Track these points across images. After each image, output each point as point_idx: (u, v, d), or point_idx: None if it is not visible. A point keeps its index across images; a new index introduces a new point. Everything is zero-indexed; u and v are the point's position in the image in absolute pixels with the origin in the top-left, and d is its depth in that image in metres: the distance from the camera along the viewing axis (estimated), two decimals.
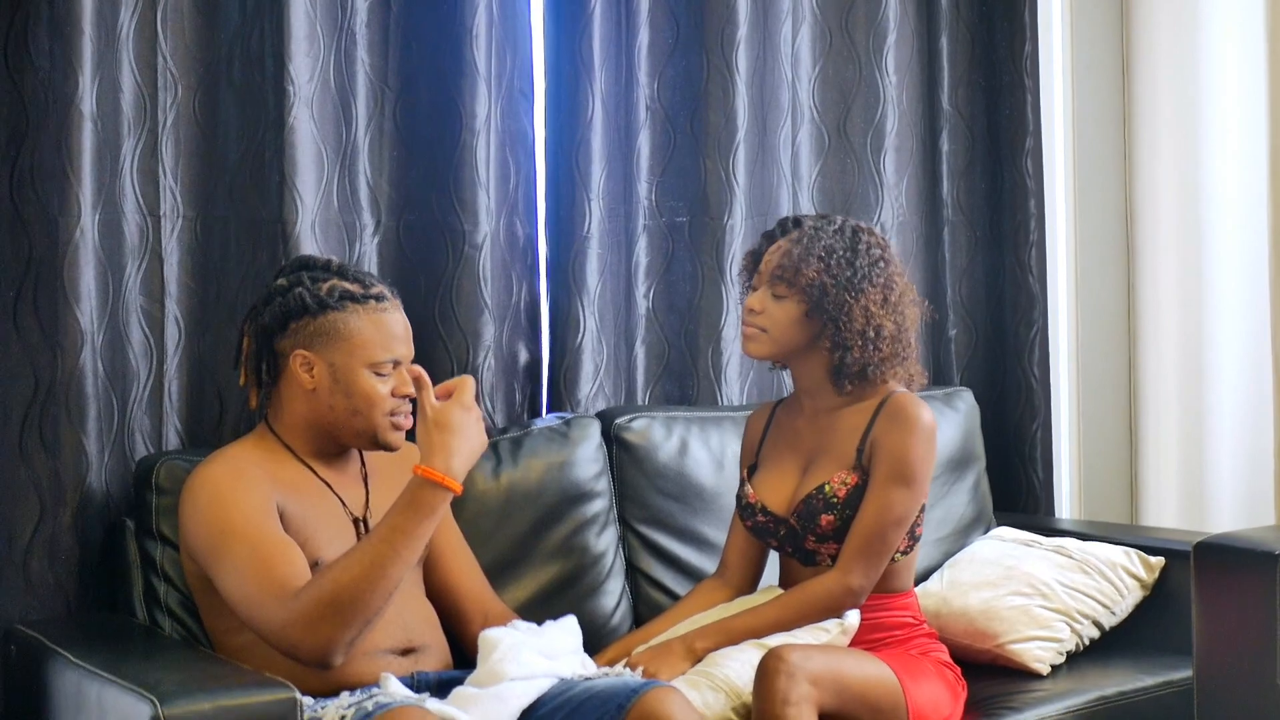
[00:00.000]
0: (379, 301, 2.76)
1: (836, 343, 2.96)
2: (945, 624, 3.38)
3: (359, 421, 2.74)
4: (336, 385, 2.72)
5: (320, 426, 2.76)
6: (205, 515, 2.66)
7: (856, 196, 3.92)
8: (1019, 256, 4.10)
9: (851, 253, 2.99)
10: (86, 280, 2.93)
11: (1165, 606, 3.49)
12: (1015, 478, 4.11)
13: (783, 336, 2.99)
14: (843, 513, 2.94)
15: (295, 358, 2.72)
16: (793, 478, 3.05)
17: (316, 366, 2.72)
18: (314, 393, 2.74)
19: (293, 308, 2.72)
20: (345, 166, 3.25)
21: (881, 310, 2.97)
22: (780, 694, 2.68)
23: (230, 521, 2.63)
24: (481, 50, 3.33)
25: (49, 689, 2.63)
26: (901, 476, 2.93)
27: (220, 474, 2.69)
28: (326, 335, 2.72)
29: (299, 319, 2.72)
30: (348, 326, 2.72)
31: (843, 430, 3.01)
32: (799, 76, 3.84)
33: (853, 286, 2.95)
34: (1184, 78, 4.20)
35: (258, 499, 2.66)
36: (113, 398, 3.00)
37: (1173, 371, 4.24)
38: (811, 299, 2.96)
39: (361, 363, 2.72)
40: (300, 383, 2.74)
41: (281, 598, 2.54)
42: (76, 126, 2.90)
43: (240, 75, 3.15)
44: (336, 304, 2.72)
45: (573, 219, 3.51)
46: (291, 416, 2.77)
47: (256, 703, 2.35)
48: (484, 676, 2.61)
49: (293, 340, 2.73)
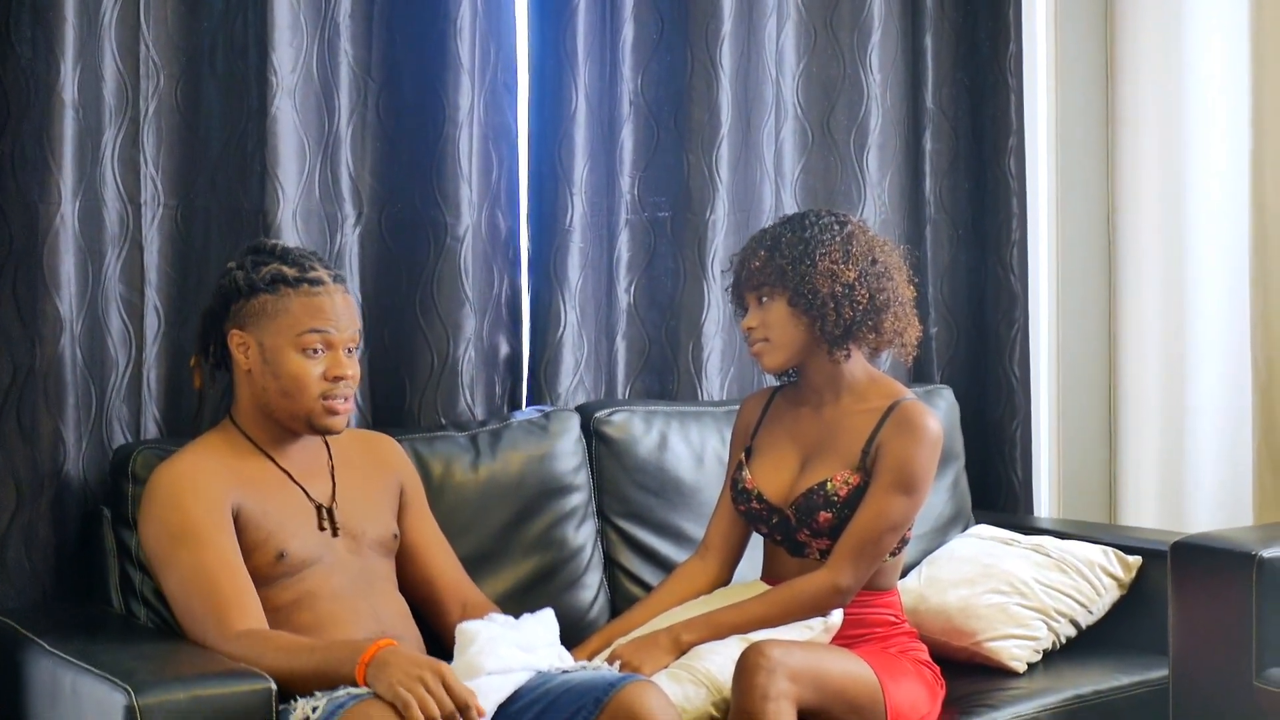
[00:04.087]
0: (313, 285, 2.76)
1: (814, 315, 2.96)
2: (923, 621, 3.38)
3: (290, 403, 2.75)
4: (266, 366, 2.75)
5: (264, 410, 2.78)
6: (158, 518, 2.68)
7: (839, 194, 3.92)
8: (1001, 255, 4.10)
9: (799, 230, 3.01)
10: (66, 268, 2.92)
11: (1142, 606, 3.50)
12: (994, 476, 4.12)
13: (784, 338, 2.99)
14: (841, 512, 2.95)
15: (232, 338, 2.76)
16: (791, 468, 3.05)
17: (250, 347, 2.76)
18: (250, 374, 2.77)
19: (229, 290, 2.77)
20: (327, 157, 3.24)
21: (845, 266, 2.97)
22: (760, 689, 2.68)
23: (184, 528, 2.65)
24: (465, 43, 3.33)
25: (24, 677, 2.62)
26: (903, 484, 2.94)
27: (179, 476, 2.70)
28: (256, 315, 2.74)
29: (236, 300, 2.76)
30: (275, 307, 2.74)
31: (849, 429, 3.01)
32: (783, 73, 3.84)
33: (807, 255, 2.96)
34: (1167, 79, 4.20)
35: (213, 506, 2.67)
36: (91, 386, 2.99)
37: (1153, 372, 4.25)
38: (785, 286, 2.97)
39: (287, 342, 2.73)
40: (239, 363, 2.78)
41: (219, 626, 2.58)
42: (58, 114, 2.89)
43: (223, 65, 3.14)
44: (268, 286, 2.74)
45: (555, 213, 3.50)
46: (242, 402, 2.81)
47: (232, 693, 2.34)
48: (461, 669, 2.60)
49: (230, 323, 2.77)
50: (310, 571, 2.73)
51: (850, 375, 3.04)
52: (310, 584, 2.72)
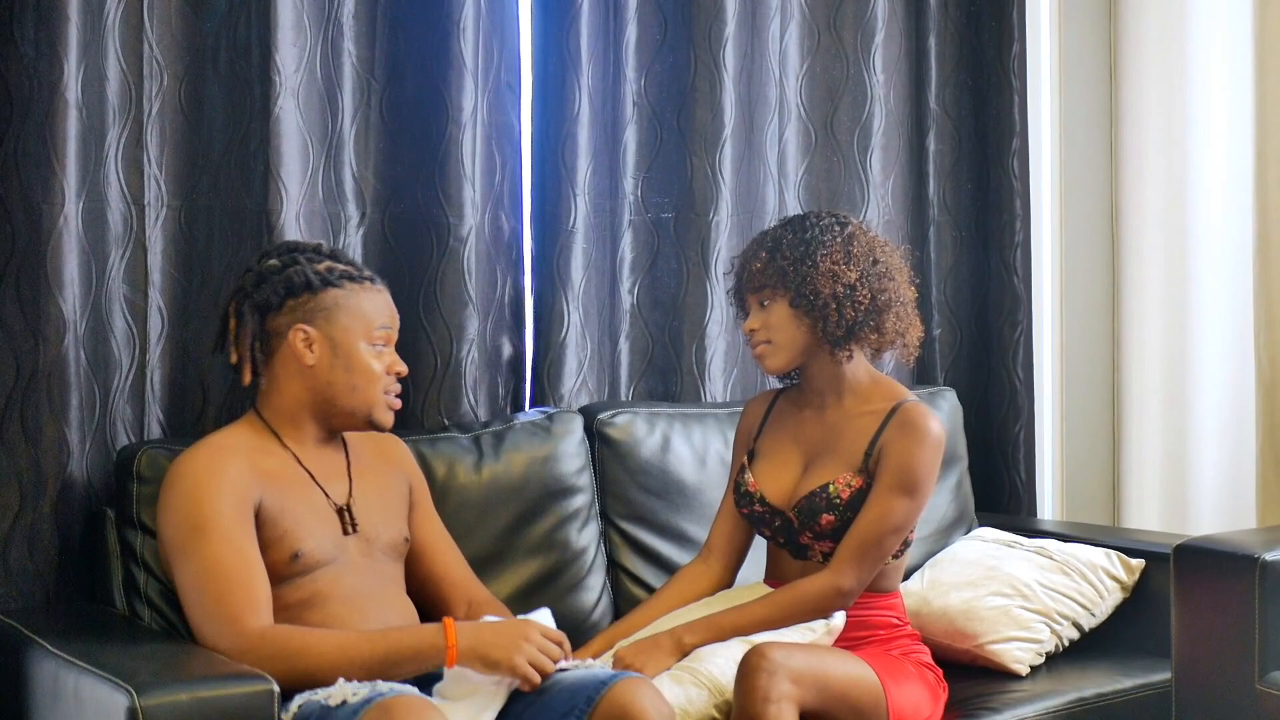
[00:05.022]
0: (373, 283, 2.82)
1: (815, 315, 2.96)
2: (925, 623, 3.38)
3: (356, 398, 2.76)
4: (337, 360, 2.75)
5: (315, 405, 2.77)
6: (180, 507, 2.65)
7: (843, 195, 3.92)
8: (1004, 257, 4.10)
9: (799, 231, 3.01)
10: (70, 269, 2.92)
11: (1145, 609, 3.50)
12: (998, 478, 4.12)
13: (786, 339, 2.99)
14: (844, 514, 2.94)
15: (295, 333, 2.74)
16: (793, 470, 3.05)
17: (316, 343, 2.74)
18: (312, 369, 2.75)
19: (296, 284, 2.75)
20: (330, 157, 3.24)
21: (846, 266, 2.97)
22: (761, 691, 2.68)
23: (204, 520, 2.63)
24: (469, 43, 3.33)
25: (27, 678, 2.62)
26: (905, 486, 2.93)
27: (201, 466, 2.68)
28: (327, 310, 2.75)
29: (298, 296, 2.75)
30: (347, 302, 2.76)
31: (852, 432, 3.00)
32: (787, 74, 3.84)
33: (808, 256, 2.96)
34: (1171, 80, 4.20)
35: (236, 499, 2.65)
36: (95, 387, 2.99)
37: (1156, 374, 4.25)
38: (787, 288, 2.97)
39: (360, 337, 2.76)
40: (299, 358, 2.75)
41: (234, 624, 2.56)
42: (61, 114, 2.89)
43: (226, 65, 3.14)
44: (336, 281, 2.77)
45: (558, 213, 3.50)
46: (283, 398, 2.78)
47: (234, 694, 2.34)
48: (456, 683, 2.61)
49: (291, 317, 2.74)
50: (323, 572, 2.72)
51: (853, 377, 3.04)
52: (322, 584, 2.71)
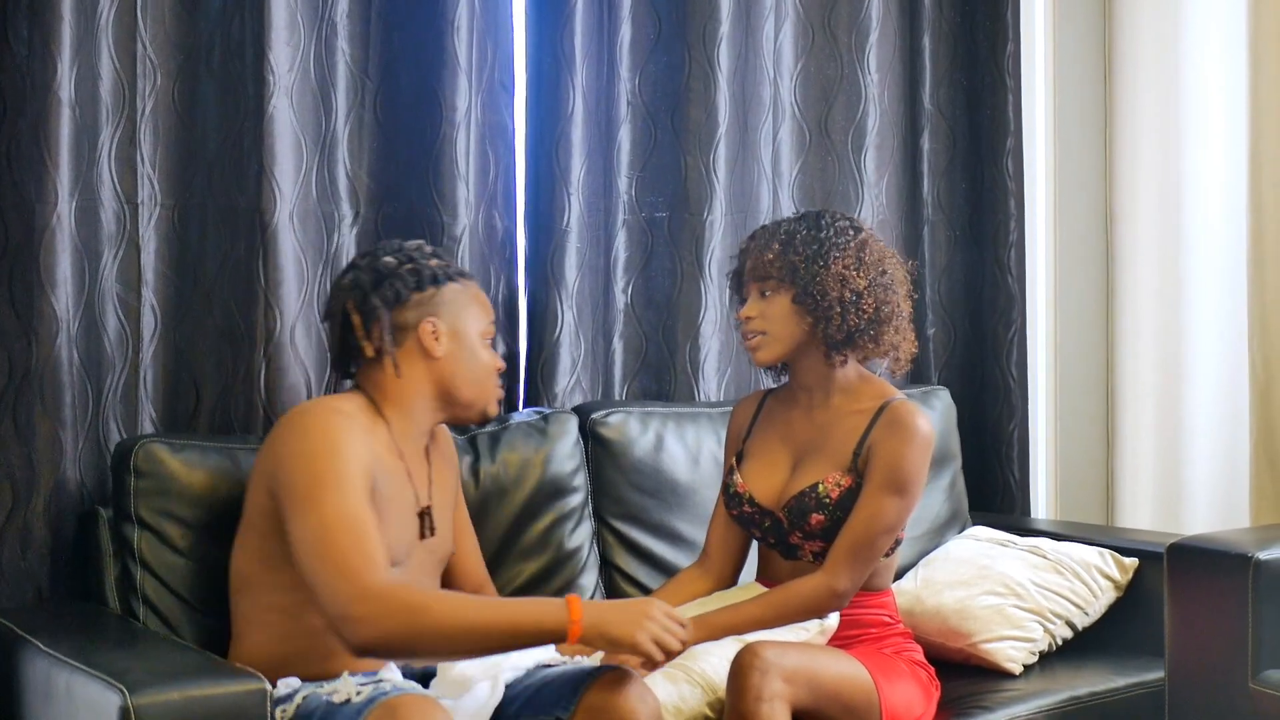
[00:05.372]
0: (475, 282, 2.89)
1: (819, 315, 2.95)
2: (919, 622, 3.38)
3: (476, 390, 2.81)
4: (462, 352, 2.79)
5: (437, 396, 2.79)
6: (309, 453, 2.58)
7: (837, 194, 3.92)
8: (998, 256, 4.10)
9: (814, 229, 2.99)
10: (63, 267, 2.92)
11: (1138, 608, 3.50)
12: (991, 477, 4.12)
13: (782, 332, 2.98)
14: (834, 514, 2.94)
15: (425, 325, 2.76)
16: (782, 470, 3.04)
17: (443, 335, 2.78)
18: (439, 361, 2.78)
19: (424, 277, 2.78)
20: (324, 157, 3.24)
21: (856, 273, 2.96)
22: (754, 690, 2.68)
23: (334, 473, 2.55)
24: (463, 42, 3.33)
25: (19, 677, 2.62)
26: (896, 485, 2.93)
27: (336, 418, 2.63)
28: (450, 304, 2.79)
29: (424, 290, 2.78)
30: (464, 298, 2.82)
31: (840, 431, 3.00)
32: (781, 73, 3.84)
33: (820, 257, 2.95)
34: (1165, 79, 4.21)
35: (360, 465, 2.60)
36: (88, 385, 2.99)
37: (1150, 373, 4.25)
38: (794, 283, 2.95)
39: (478, 331, 2.82)
40: (427, 350, 2.77)
41: (357, 575, 2.45)
42: (54, 113, 2.89)
43: (220, 64, 3.14)
44: (454, 277, 2.82)
45: (552, 213, 3.50)
46: (401, 390, 2.76)
47: (226, 693, 2.34)
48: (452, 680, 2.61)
49: (418, 311, 2.76)
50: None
51: (841, 376, 3.03)
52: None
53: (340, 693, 2.49)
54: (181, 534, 2.86)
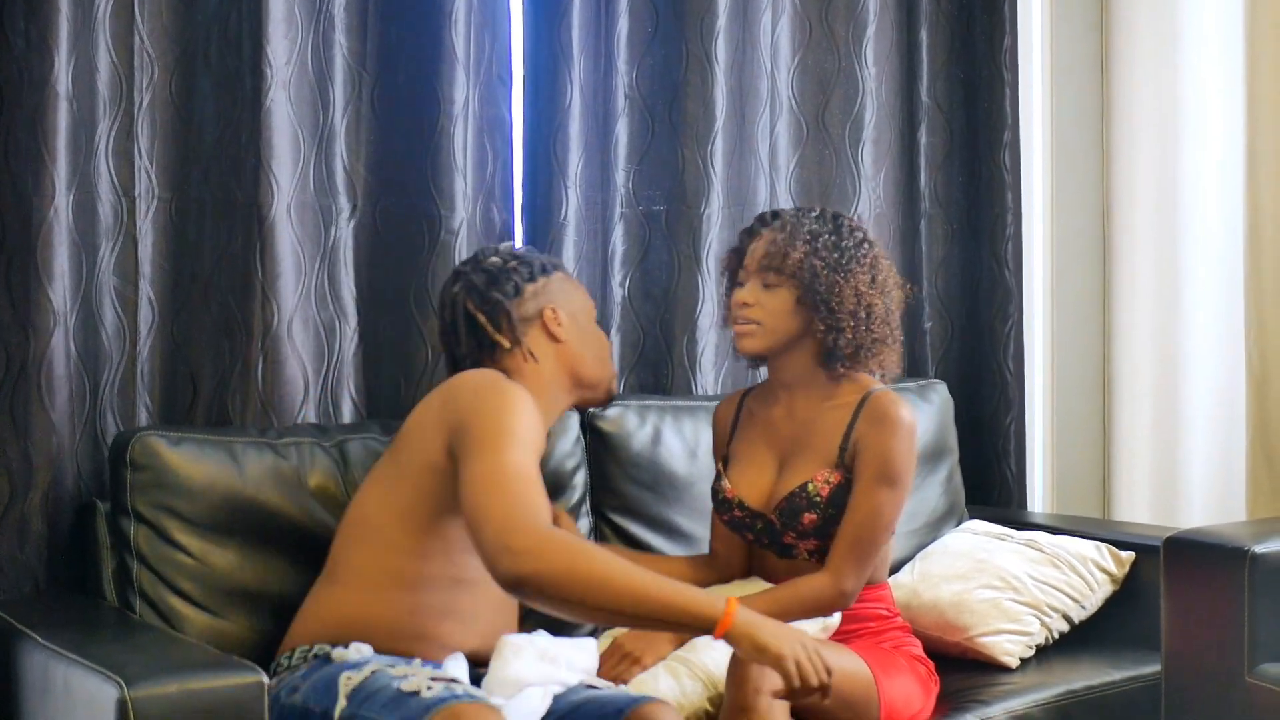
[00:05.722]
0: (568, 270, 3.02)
1: (830, 325, 2.94)
2: (915, 616, 3.38)
3: (601, 369, 2.91)
4: (581, 333, 2.89)
5: (567, 380, 2.87)
6: (501, 407, 2.59)
7: (834, 187, 3.92)
8: (995, 250, 4.11)
9: (836, 235, 2.98)
10: (60, 260, 2.92)
11: (1135, 601, 3.51)
12: (988, 471, 4.12)
13: (778, 326, 2.97)
14: (825, 511, 2.94)
15: (546, 311, 2.86)
16: (769, 471, 3.04)
17: (563, 319, 2.86)
18: (565, 345, 2.87)
19: (535, 269, 2.89)
20: (322, 150, 3.24)
21: (871, 290, 2.96)
22: (752, 683, 2.67)
23: (520, 432, 2.55)
24: (460, 36, 3.32)
25: (16, 670, 2.62)
26: (888, 478, 2.92)
27: (526, 393, 2.66)
28: (561, 290, 2.91)
29: (535, 281, 2.88)
30: (569, 283, 2.95)
31: (824, 426, 2.99)
32: (778, 67, 3.84)
33: (841, 267, 2.94)
34: (1163, 74, 4.21)
35: (540, 441, 2.62)
36: (85, 379, 2.99)
37: (1147, 367, 4.25)
38: (803, 283, 2.94)
39: (588, 312, 2.94)
40: (553, 335, 2.86)
41: (528, 519, 2.40)
42: (52, 106, 2.89)
43: (217, 57, 3.14)
44: (558, 265, 2.95)
45: (549, 206, 3.50)
46: (537, 377, 2.84)
47: (224, 685, 2.33)
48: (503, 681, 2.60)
49: (536, 301, 2.87)
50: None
51: (821, 372, 3.03)
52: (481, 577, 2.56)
53: (411, 681, 2.44)
54: (178, 527, 2.86)
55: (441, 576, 2.65)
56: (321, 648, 2.62)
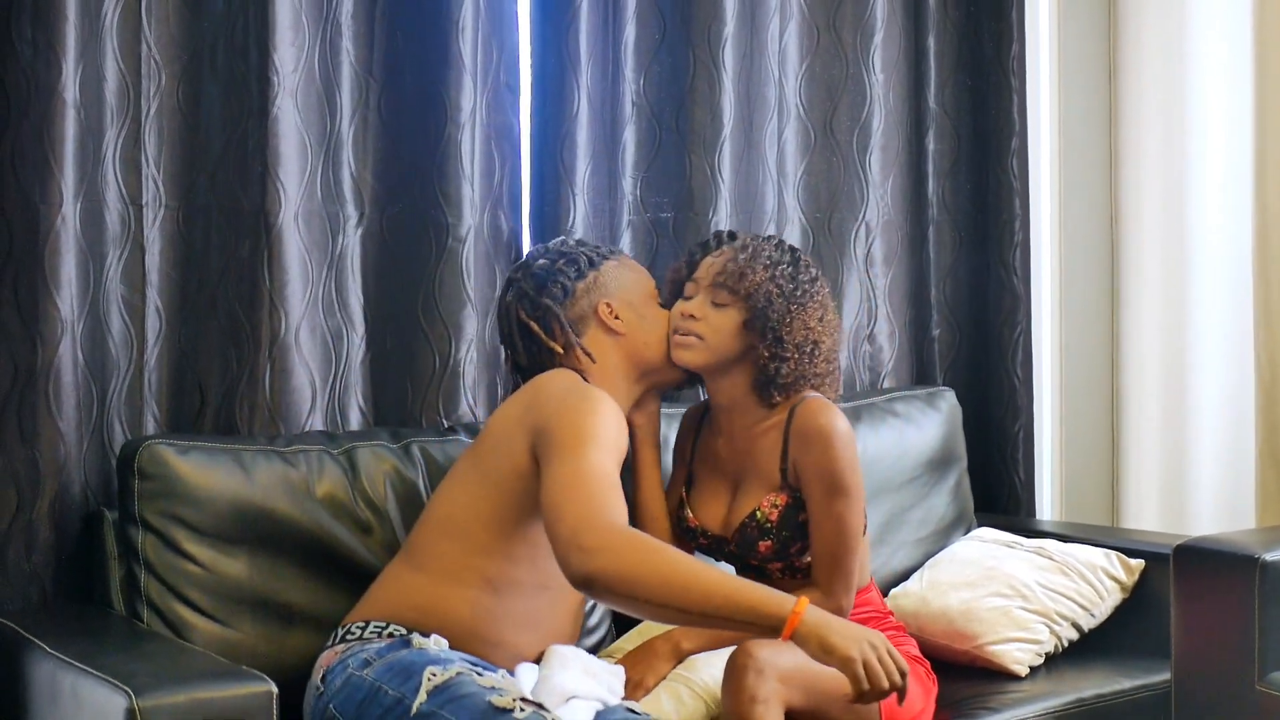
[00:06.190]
0: (623, 253, 3.02)
1: (774, 354, 2.90)
2: (924, 624, 3.38)
3: (666, 350, 2.90)
4: (641, 320, 2.89)
5: (636, 370, 2.88)
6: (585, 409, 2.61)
7: (842, 194, 3.92)
8: (1003, 257, 4.10)
9: (794, 268, 2.96)
10: (67, 269, 2.92)
11: (1145, 609, 3.50)
12: (997, 478, 4.11)
13: (720, 345, 2.92)
14: (779, 534, 2.92)
15: (600, 307, 2.86)
16: (724, 497, 3.02)
17: (619, 311, 2.87)
18: (625, 336, 2.88)
19: (582, 266, 2.90)
20: (329, 157, 3.24)
21: (819, 326, 2.94)
22: (749, 691, 2.66)
23: (603, 436, 2.56)
24: (468, 43, 3.32)
25: (24, 679, 2.62)
26: (838, 490, 2.87)
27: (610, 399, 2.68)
28: (613, 280, 2.91)
29: (585, 277, 2.89)
30: (622, 270, 2.94)
31: (761, 449, 2.95)
32: (786, 74, 3.84)
33: (796, 299, 2.92)
34: (1170, 80, 4.20)
35: (623, 446, 2.63)
36: (92, 387, 2.99)
37: (1155, 374, 4.25)
38: (755, 307, 2.90)
39: (647, 294, 2.94)
40: (611, 329, 2.87)
41: (604, 517, 2.42)
42: (59, 114, 2.89)
43: (224, 64, 3.13)
44: (607, 255, 2.94)
45: (557, 213, 3.50)
46: (603, 373, 2.85)
47: (232, 695, 2.34)
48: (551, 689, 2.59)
49: (588, 298, 2.88)
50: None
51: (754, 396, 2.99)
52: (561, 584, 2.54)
53: (502, 697, 2.41)
54: (186, 535, 2.85)
55: (528, 582, 2.66)
56: (397, 629, 2.63)
